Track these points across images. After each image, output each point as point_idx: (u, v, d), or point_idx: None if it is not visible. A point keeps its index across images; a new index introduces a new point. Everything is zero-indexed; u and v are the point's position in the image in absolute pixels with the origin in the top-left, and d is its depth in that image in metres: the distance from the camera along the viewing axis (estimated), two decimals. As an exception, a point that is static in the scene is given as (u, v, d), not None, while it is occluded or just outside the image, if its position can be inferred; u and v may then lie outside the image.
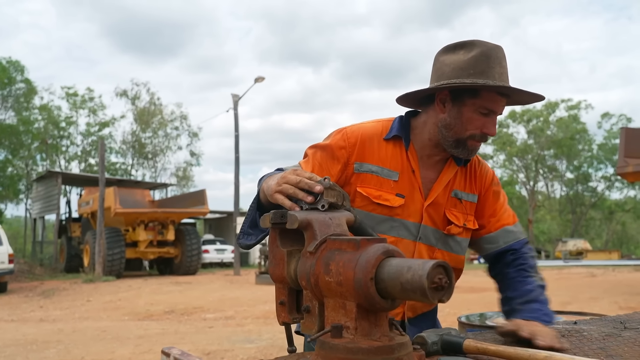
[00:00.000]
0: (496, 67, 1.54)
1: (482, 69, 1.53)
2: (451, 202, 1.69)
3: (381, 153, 1.65)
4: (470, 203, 1.72)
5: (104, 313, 10.21)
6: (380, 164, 1.64)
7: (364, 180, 1.63)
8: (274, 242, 1.16)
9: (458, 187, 1.71)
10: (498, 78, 1.54)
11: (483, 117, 1.57)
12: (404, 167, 1.65)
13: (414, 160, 1.66)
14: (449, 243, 1.70)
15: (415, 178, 1.65)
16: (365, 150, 1.64)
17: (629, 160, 9.64)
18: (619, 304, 9.71)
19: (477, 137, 1.59)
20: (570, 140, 42.14)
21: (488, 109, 1.56)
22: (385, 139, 1.66)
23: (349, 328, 0.98)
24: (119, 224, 19.80)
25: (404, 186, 1.64)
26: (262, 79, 22.49)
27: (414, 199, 1.64)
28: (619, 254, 31.57)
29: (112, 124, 39.92)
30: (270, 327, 7.93)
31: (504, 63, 1.57)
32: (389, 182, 1.63)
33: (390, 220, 1.63)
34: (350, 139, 1.64)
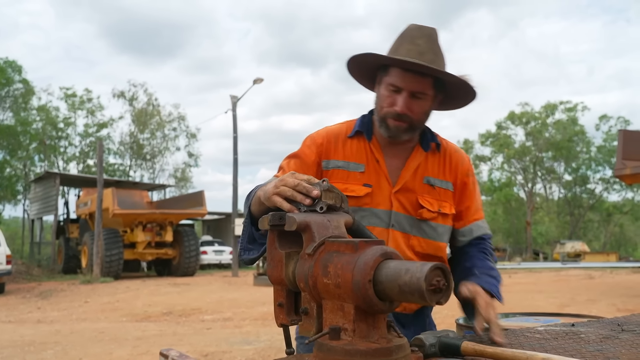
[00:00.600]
0: (405, 45, 1.58)
1: (393, 49, 1.61)
2: (424, 188, 1.70)
3: (346, 149, 1.71)
4: (445, 190, 1.73)
5: (102, 314, 10.20)
6: (346, 159, 1.70)
7: (332, 176, 1.68)
8: (272, 244, 1.16)
9: (431, 174, 1.72)
10: (404, 54, 1.56)
11: (393, 94, 1.61)
12: (368, 158, 1.70)
13: (377, 151, 1.70)
14: (423, 229, 1.69)
15: (381, 167, 1.69)
16: (330, 148, 1.71)
17: (626, 163, 9.65)
18: (616, 306, 9.71)
19: (391, 115, 1.62)
20: (568, 143, 42.19)
21: (394, 85, 1.59)
22: (350, 137, 1.72)
23: (347, 330, 0.99)
24: (117, 225, 19.78)
25: (371, 176, 1.68)
26: (260, 81, 22.50)
27: (381, 187, 1.67)
28: (617, 256, 31.59)
29: (110, 125, 39.91)
30: (268, 328, 7.93)
31: (419, 41, 1.57)
32: (355, 174, 1.68)
33: (359, 210, 1.65)
34: (316, 141, 1.72)
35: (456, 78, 1.59)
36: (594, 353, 1.27)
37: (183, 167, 42.02)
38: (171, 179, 41.16)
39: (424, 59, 1.55)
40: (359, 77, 1.75)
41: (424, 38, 1.58)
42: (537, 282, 15.76)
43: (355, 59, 1.66)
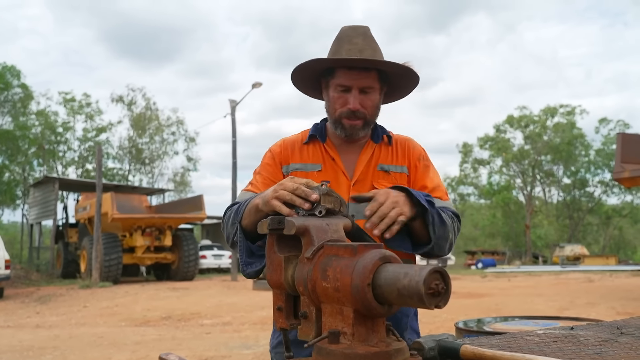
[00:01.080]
0: (344, 45, 1.65)
1: (333, 51, 1.68)
2: (378, 175, 1.76)
3: (302, 154, 1.79)
4: (400, 174, 1.78)
5: (101, 319, 10.18)
6: (303, 161, 1.78)
7: None
8: (271, 248, 1.17)
9: (383, 162, 1.78)
10: (345, 55, 1.63)
11: (343, 94, 1.67)
12: (324, 158, 1.77)
13: (332, 150, 1.78)
14: None
15: (337, 164, 1.76)
16: (288, 155, 1.80)
17: (625, 166, 9.67)
18: (616, 309, 9.71)
19: (346, 114, 1.68)
20: (567, 146, 42.23)
21: (343, 85, 1.66)
22: (305, 143, 1.81)
23: (346, 334, 0.99)
24: (116, 229, 19.75)
25: (328, 173, 1.74)
26: (259, 85, 22.52)
27: (339, 181, 1.73)
28: (616, 259, 31.59)
29: (109, 129, 39.89)
30: (267, 332, 7.91)
31: (357, 40, 1.66)
32: (313, 174, 1.74)
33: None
34: (275, 151, 1.82)
35: (399, 66, 1.68)
36: (593, 356, 1.27)
37: (182, 171, 42.03)
38: (170, 183, 41.17)
39: (365, 55, 1.64)
40: (304, 87, 1.84)
41: (360, 37, 1.67)
42: (537, 286, 15.75)
43: (298, 70, 1.74)
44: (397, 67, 1.68)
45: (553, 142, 42.58)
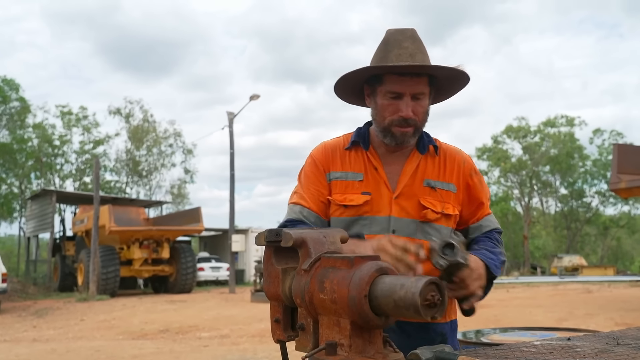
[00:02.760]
0: (394, 50, 1.59)
1: (380, 56, 1.62)
2: (425, 191, 1.71)
3: (344, 161, 1.74)
4: (447, 192, 1.73)
5: (98, 332, 10.12)
6: (344, 169, 1.73)
7: (333, 188, 1.71)
8: (268, 260, 1.17)
9: (430, 177, 1.72)
10: (395, 60, 1.57)
11: (394, 101, 1.61)
12: (366, 167, 1.72)
13: (375, 159, 1.72)
14: (427, 231, 1.69)
15: (379, 174, 1.70)
16: (329, 161, 1.74)
17: (621, 177, 9.70)
18: (614, 320, 9.69)
19: (397, 122, 1.63)
20: (566, 157, 42.35)
21: (394, 92, 1.60)
22: (347, 149, 1.75)
23: (343, 345, 0.99)
24: (113, 242, 19.68)
25: (369, 184, 1.69)
26: (257, 97, 22.59)
27: (381, 193, 1.68)
28: (615, 270, 31.52)
29: (106, 142, 39.90)
30: (265, 345, 7.88)
31: (406, 44, 1.60)
32: (354, 184, 1.70)
33: (360, 219, 1.67)
34: (317, 157, 1.76)
35: (452, 70, 1.63)
36: (590, 367, 1.28)
37: (179, 183, 41.96)
38: (168, 195, 41.07)
39: (417, 59, 1.59)
40: (345, 95, 1.80)
41: (408, 40, 1.61)
42: (535, 297, 15.72)
43: (344, 78, 1.69)
44: (451, 70, 1.63)
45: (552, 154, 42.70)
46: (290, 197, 1.77)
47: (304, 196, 1.71)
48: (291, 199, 1.75)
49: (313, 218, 1.68)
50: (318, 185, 1.72)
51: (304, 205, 1.69)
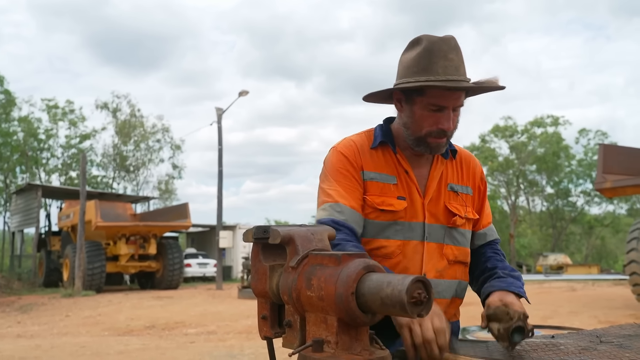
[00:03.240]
0: (439, 62, 1.54)
1: (424, 66, 1.55)
2: (449, 195, 1.72)
3: (374, 160, 1.68)
4: (466, 195, 1.76)
5: (83, 328, 10.05)
6: (377, 170, 1.67)
7: (367, 189, 1.66)
8: (256, 257, 1.18)
9: (452, 181, 1.74)
10: (442, 72, 1.53)
11: (435, 113, 1.58)
12: (398, 170, 1.68)
13: (405, 161, 1.69)
14: (454, 236, 1.71)
15: (411, 179, 1.68)
16: (360, 159, 1.68)
17: (606, 176, 9.80)
18: (598, 317, 9.81)
19: (435, 134, 1.61)
20: (552, 157, 42.74)
21: (437, 105, 1.57)
22: (373, 148, 1.70)
23: (330, 342, 1.00)
24: (99, 237, 19.56)
25: (403, 188, 1.66)
26: (246, 93, 22.52)
27: (413, 199, 1.67)
28: (599, 269, 31.88)
29: (93, 136, 39.57)
30: (252, 342, 7.87)
31: (452, 55, 1.56)
32: (390, 187, 1.66)
33: (395, 224, 1.64)
34: (348, 153, 1.68)
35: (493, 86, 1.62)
36: (573, 364, 1.29)
37: (167, 179, 41.75)
38: (155, 191, 40.86)
39: (461, 72, 1.56)
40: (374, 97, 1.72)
41: (453, 51, 1.57)
42: (521, 295, 15.82)
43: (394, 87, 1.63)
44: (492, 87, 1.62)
45: (538, 153, 43.06)
46: (323, 194, 1.67)
47: (344, 194, 1.62)
48: (326, 196, 1.64)
49: (357, 217, 1.62)
50: (355, 183, 1.65)
51: (344, 204, 1.60)
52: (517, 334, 1.39)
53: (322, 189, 1.68)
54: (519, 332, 1.39)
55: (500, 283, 1.59)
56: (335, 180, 1.65)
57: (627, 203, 45.45)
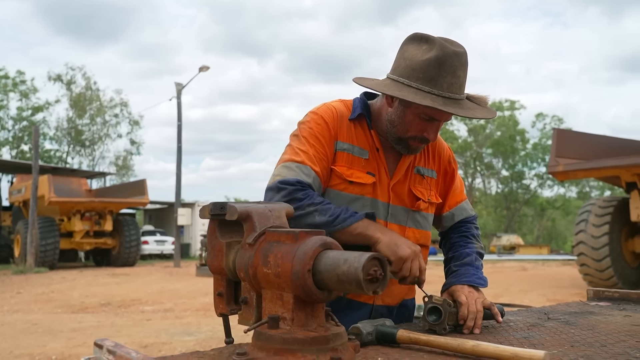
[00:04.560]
0: (447, 77, 1.50)
1: (431, 76, 1.50)
2: (415, 178, 1.72)
3: (350, 132, 1.66)
4: (431, 178, 1.77)
5: (35, 305, 9.82)
6: (351, 142, 1.65)
7: (337, 159, 1.64)
8: (213, 234, 1.16)
9: (419, 164, 1.74)
10: (447, 88, 1.50)
11: (425, 122, 1.58)
12: (370, 145, 1.67)
13: (377, 140, 1.68)
14: (417, 219, 1.73)
15: (380, 157, 1.67)
16: (338, 128, 1.65)
17: (559, 160, 10.11)
18: (546, 296, 10.20)
19: (418, 140, 1.61)
20: (509, 140, 43.79)
21: (429, 116, 1.56)
22: (351, 119, 1.67)
23: (285, 319, 1.00)
24: (53, 213, 19.08)
25: (373, 165, 1.66)
26: (207, 68, 22.13)
27: (381, 178, 1.66)
28: (549, 249, 33.07)
29: (46, 108, 38.25)
30: (210, 319, 7.86)
31: (460, 72, 1.52)
32: (360, 160, 1.65)
33: (362, 199, 1.64)
34: (328, 119, 1.65)
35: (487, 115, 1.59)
36: (521, 340, 1.34)
37: (124, 154, 40.86)
38: (112, 166, 39.97)
39: (462, 90, 1.54)
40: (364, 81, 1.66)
41: (462, 68, 1.53)
42: (474, 274, 16.27)
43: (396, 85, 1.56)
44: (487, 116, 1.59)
45: (495, 137, 44.02)
46: (290, 152, 1.62)
47: (312, 157, 1.59)
48: (294, 154, 1.60)
49: (318, 184, 1.59)
50: (326, 149, 1.62)
51: (312, 168, 1.57)
52: (433, 314, 1.42)
53: (292, 146, 1.63)
54: (434, 313, 1.42)
55: (452, 279, 1.63)
56: (308, 142, 1.61)
57: (578, 186, 47.21)
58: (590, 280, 10.39)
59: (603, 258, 10.06)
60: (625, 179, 10.06)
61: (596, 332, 1.43)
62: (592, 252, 10.16)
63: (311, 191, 1.54)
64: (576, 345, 1.27)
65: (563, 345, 1.27)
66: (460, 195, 1.86)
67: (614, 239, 10.16)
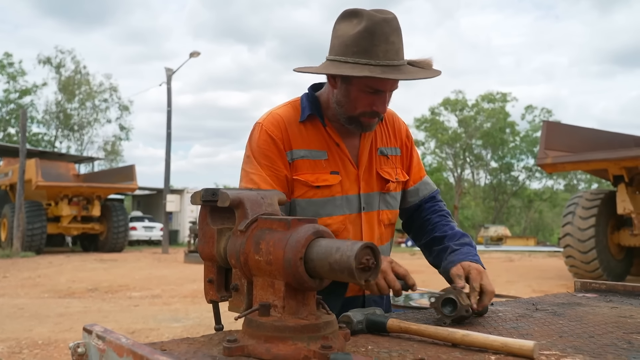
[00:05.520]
0: (381, 45, 1.47)
1: (365, 47, 1.47)
2: (380, 160, 1.71)
3: (303, 136, 1.62)
4: (395, 156, 1.76)
5: (22, 290, 9.76)
6: (307, 147, 1.61)
7: (298, 168, 1.60)
8: (204, 220, 1.15)
9: (381, 144, 1.73)
10: (382, 57, 1.47)
11: (371, 95, 1.54)
12: (328, 144, 1.64)
13: (335, 134, 1.64)
14: (388, 201, 1.72)
15: (342, 151, 1.64)
16: (288, 137, 1.61)
17: (548, 152, 10.16)
18: (532, 287, 10.30)
19: (369, 115, 1.57)
20: (499, 132, 43.98)
21: (374, 88, 1.52)
22: (302, 122, 1.63)
23: (276, 307, 1.00)
24: (40, 197, 18.94)
25: (335, 162, 1.63)
26: (197, 54, 21.95)
27: (347, 172, 1.65)
28: (535, 241, 33.38)
29: (34, 92, 37.79)
30: (198, 306, 7.86)
31: (393, 38, 1.49)
32: (321, 163, 1.62)
33: (333, 200, 1.62)
34: (273, 132, 1.60)
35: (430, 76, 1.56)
36: (510, 330, 1.35)
37: (113, 140, 40.56)
38: (100, 151, 39.69)
39: (400, 55, 1.50)
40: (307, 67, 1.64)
41: (395, 33, 1.49)
42: (462, 264, 16.39)
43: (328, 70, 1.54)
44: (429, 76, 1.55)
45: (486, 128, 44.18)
46: (243, 178, 1.61)
47: (265, 178, 1.57)
48: (249, 182, 1.58)
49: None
50: (279, 165, 1.59)
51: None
52: (448, 306, 1.41)
53: (246, 172, 1.61)
54: (449, 305, 1.41)
55: (458, 256, 1.61)
56: (259, 163, 1.59)
57: (565, 179, 47.60)
58: (576, 272, 10.50)
59: (589, 250, 10.16)
60: (612, 172, 10.15)
61: (584, 323, 1.44)
62: (578, 244, 10.26)
63: None
64: (564, 336, 1.28)
65: (552, 336, 1.28)
66: (421, 169, 1.85)
67: (600, 231, 10.27)
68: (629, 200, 9.97)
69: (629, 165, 9.68)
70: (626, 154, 9.54)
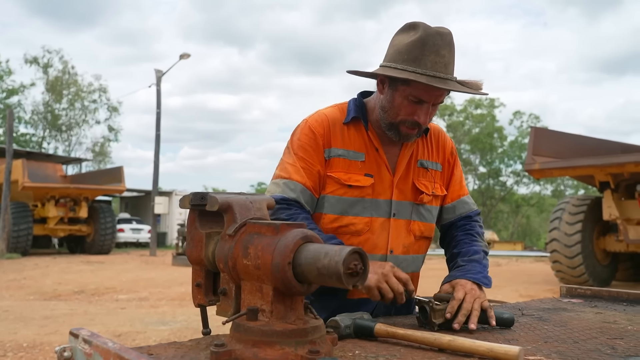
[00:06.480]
0: (430, 56, 1.52)
1: (415, 56, 1.52)
2: (418, 172, 1.74)
3: (344, 136, 1.68)
4: (435, 171, 1.78)
5: (7, 292, 9.65)
6: (345, 147, 1.67)
7: (333, 165, 1.66)
8: (192, 224, 1.15)
9: (422, 157, 1.76)
10: (430, 67, 1.52)
11: (414, 104, 1.58)
12: (367, 147, 1.69)
13: (375, 139, 1.69)
14: (421, 212, 1.74)
15: (380, 156, 1.69)
16: (330, 135, 1.67)
17: (536, 158, 10.25)
18: (519, 292, 10.36)
19: (408, 124, 1.61)
20: (488, 137, 44.25)
21: (418, 97, 1.56)
22: (345, 123, 1.69)
23: (264, 311, 1.00)
24: (26, 198, 18.75)
25: (371, 166, 1.67)
26: (187, 56, 21.89)
27: (382, 177, 1.68)
28: (522, 246, 33.57)
29: (21, 92, 37.46)
30: (185, 309, 7.82)
31: (444, 51, 1.54)
32: (357, 164, 1.66)
33: (362, 201, 1.66)
34: (317, 130, 1.67)
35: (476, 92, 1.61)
36: (496, 335, 1.36)
37: (102, 141, 40.28)
38: (88, 152, 39.38)
39: (449, 70, 1.55)
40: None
41: (447, 48, 1.54)
42: (450, 268, 16.46)
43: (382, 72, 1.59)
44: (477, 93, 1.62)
45: (474, 133, 44.44)
46: (280, 168, 1.68)
47: (300, 170, 1.64)
48: (283, 170, 1.66)
49: (307, 196, 1.63)
50: (315, 160, 1.65)
51: (298, 181, 1.62)
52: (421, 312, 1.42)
53: (283, 161, 1.69)
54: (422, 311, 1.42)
55: (457, 272, 1.62)
56: (296, 155, 1.66)
57: (553, 184, 47.98)
58: (562, 277, 10.58)
59: (575, 255, 10.25)
60: (599, 179, 10.25)
61: (569, 328, 1.46)
62: (564, 250, 10.35)
63: (296, 211, 1.59)
64: (549, 341, 1.30)
65: (537, 341, 1.29)
66: (462, 188, 1.86)
67: (586, 237, 10.36)
68: (615, 207, 10.07)
69: (615, 171, 9.79)
70: (612, 160, 9.64)
